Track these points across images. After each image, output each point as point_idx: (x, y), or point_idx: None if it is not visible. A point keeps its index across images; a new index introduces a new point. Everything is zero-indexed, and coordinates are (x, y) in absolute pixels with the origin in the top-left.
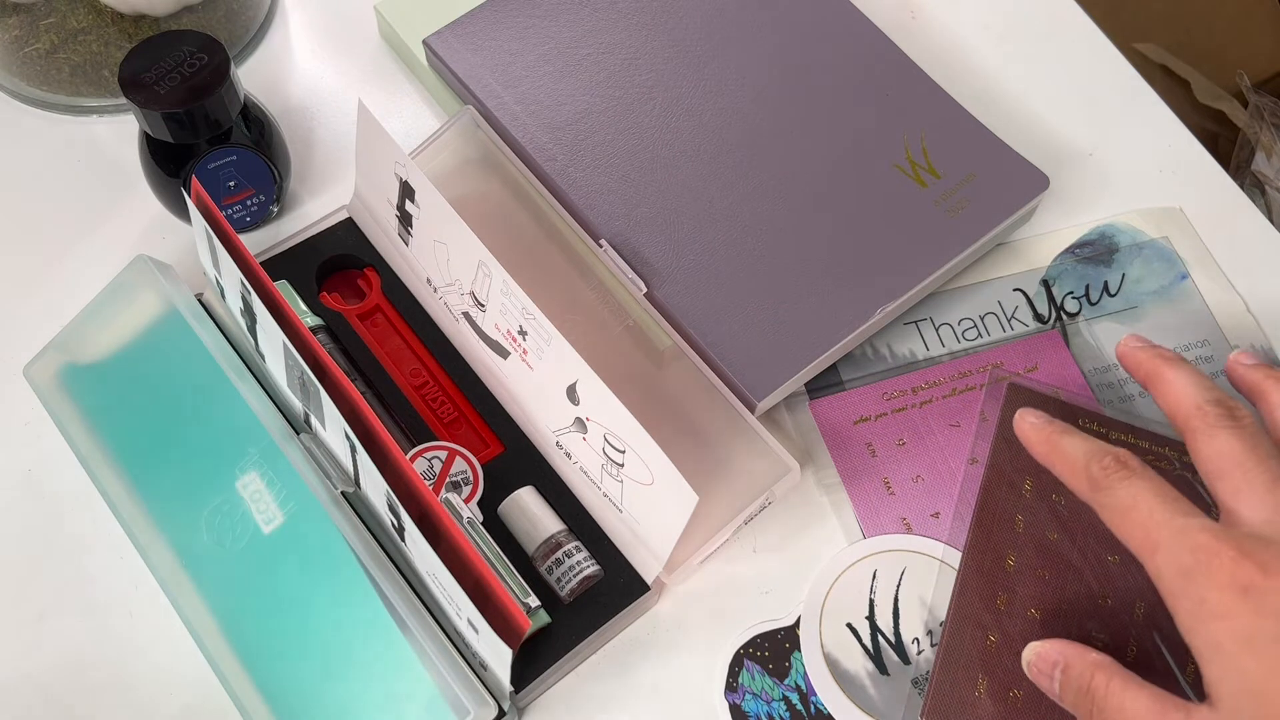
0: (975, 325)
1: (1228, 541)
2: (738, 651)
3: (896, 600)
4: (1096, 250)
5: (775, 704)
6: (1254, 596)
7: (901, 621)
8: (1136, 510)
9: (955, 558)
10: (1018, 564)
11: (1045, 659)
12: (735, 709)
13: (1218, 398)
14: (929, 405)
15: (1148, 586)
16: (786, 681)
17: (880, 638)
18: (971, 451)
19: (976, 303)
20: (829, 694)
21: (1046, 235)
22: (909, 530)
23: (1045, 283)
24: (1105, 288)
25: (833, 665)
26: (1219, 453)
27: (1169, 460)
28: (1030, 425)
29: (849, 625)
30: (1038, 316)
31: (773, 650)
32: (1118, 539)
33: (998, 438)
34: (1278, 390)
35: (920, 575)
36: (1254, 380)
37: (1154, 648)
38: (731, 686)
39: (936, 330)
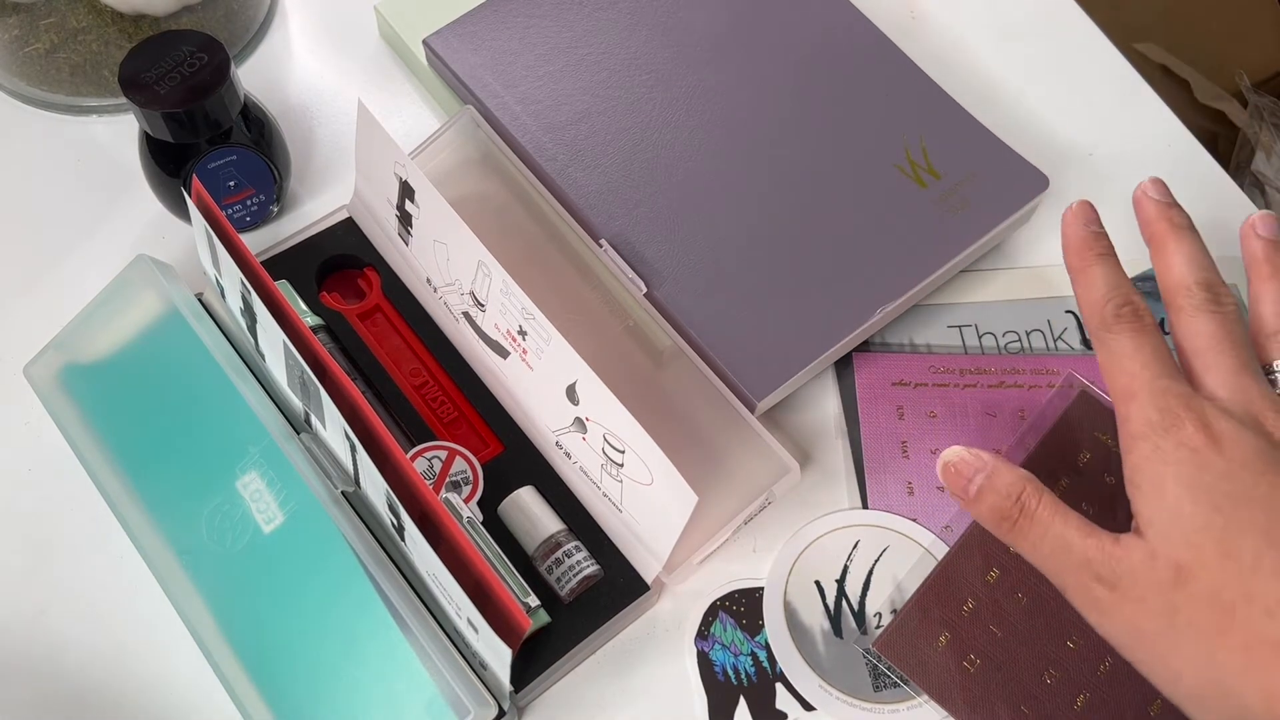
0: (1019, 339)
1: (1194, 409)
2: (714, 602)
3: (871, 573)
4: None
5: (742, 658)
6: (1200, 458)
7: (869, 594)
8: (1130, 360)
9: (941, 550)
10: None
11: (968, 464)
12: (702, 656)
13: (1208, 280)
14: (971, 390)
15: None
16: (757, 638)
17: (844, 602)
18: (1008, 450)
19: (1026, 318)
20: (779, 638)
21: None
22: (911, 494)
23: None
24: (1162, 324)
25: (790, 614)
26: (1197, 333)
27: None
28: (1075, 226)
29: (816, 582)
30: (1085, 341)
31: (748, 606)
32: (1105, 382)
33: (1049, 434)
34: (1174, 240)
35: (901, 557)
36: (1156, 231)
37: (1112, 696)
38: (703, 634)
39: (979, 338)
